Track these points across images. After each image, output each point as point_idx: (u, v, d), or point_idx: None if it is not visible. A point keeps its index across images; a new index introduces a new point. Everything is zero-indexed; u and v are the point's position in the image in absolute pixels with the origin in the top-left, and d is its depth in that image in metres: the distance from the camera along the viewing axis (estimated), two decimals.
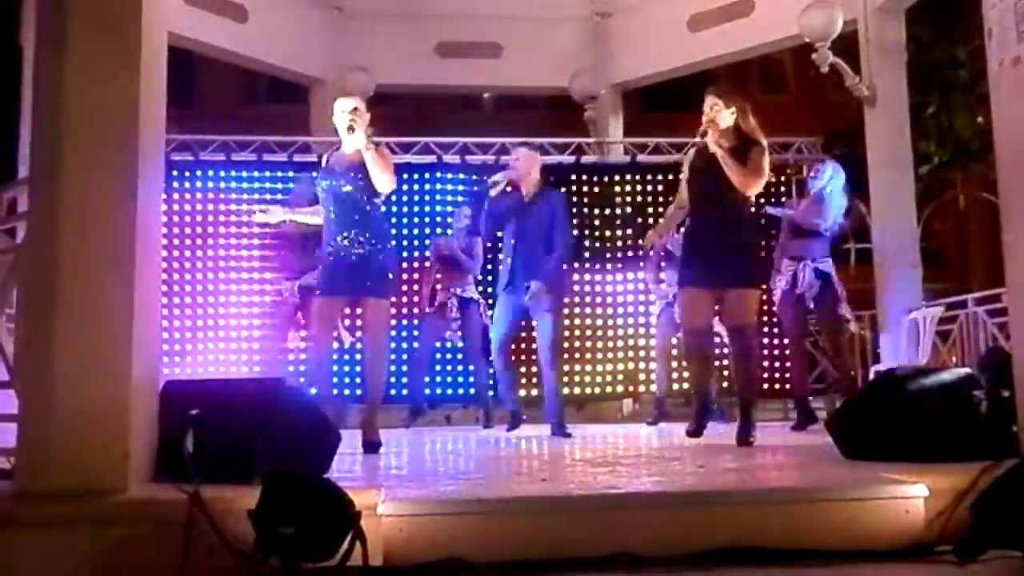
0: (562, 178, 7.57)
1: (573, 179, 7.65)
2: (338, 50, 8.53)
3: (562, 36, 8.92)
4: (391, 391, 6.81)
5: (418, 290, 7.05)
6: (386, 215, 5.16)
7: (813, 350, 6.86)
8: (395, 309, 6.91)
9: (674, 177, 6.46)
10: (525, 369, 7.19)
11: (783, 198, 7.42)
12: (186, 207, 7.21)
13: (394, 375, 7.02)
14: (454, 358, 7.21)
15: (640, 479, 3.09)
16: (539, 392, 5.91)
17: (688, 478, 3.10)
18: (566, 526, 2.46)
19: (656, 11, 8.64)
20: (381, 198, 4.30)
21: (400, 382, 7.07)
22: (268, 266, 7.03)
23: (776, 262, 5.91)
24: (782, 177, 7.56)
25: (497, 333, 5.35)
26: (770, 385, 7.11)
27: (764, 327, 6.81)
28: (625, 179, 7.69)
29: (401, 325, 7.08)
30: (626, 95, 9.40)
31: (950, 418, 2.97)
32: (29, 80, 5.91)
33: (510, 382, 5.58)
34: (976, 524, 2.33)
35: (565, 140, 7.91)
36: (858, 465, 3.11)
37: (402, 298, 7.04)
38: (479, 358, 6.60)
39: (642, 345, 7.40)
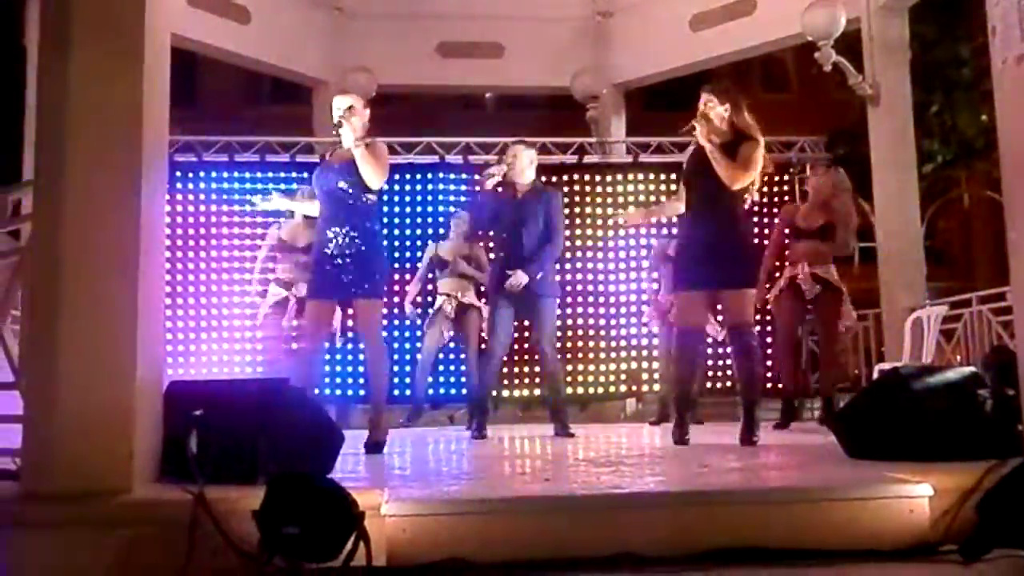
0: (564, 178, 7.59)
1: (575, 179, 7.66)
2: (340, 51, 8.54)
3: (564, 36, 8.92)
4: (394, 391, 6.82)
5: (409, 292, 6.97)
6: (380, 214, 5.14)
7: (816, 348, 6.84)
8: (397, 310, 6.98)
9: (676, 177, 6.44)
10: (526, 369, 7.21)
11: (785, 197, 7.43)
12: (189, 208, 7.23)
13: (397, 375, 7.03)
14: (456, 358, 7.20)
15: (643, 479, 3.09)
16: (539, 392, 5.90)
17: (691, 478, 3.09)
18: (569, 526, 2.46)
19: (658, 10, 8.64)
20: (373, 195, 4.30)
21: (403, 382, 7.06)
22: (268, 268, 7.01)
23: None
24: (785, 176, 7.55)
25: (496, 344, 5.26)
26: (773, 385, 7.10)
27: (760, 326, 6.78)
28: (627, 179, 7.69)
29: (404, 326, 7.08)
30: (628, 95, 9.39)
31: (955, 417, 2.97)
32: (33, 82, 5.94)
33: (488, 385, 5.50)
34: (981, 523, 2.33)
35: (567, 140, 7.91)
36: (862, 464, 3.10)
37: (399, 298, 7.04)
38: (473, 362, 6.55)
39: (645, 345, 7.39)
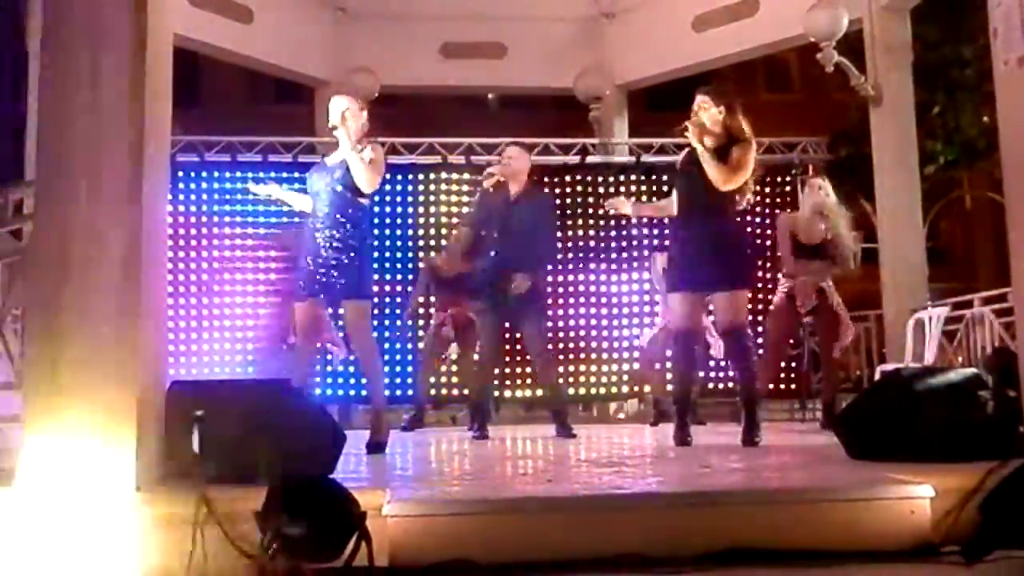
0: (567, 178, 7.58)
1: (578, 179, 7.64)
2: (342, 51, 8.54)
3: (567, 36, 8.91)
4: (396, 392, 6.82)
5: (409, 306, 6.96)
6: (372, 216, 5.15)
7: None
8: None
9: None
10: (528, 370, 7.20)
11: (787, 198, 7.41)
12: (192, 208, 7.23)
13: (399, 375, 7.03)
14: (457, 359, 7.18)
15: (645, 479, 3.09)
16: (539, 393, 5.88)
17: (693, 479, 3.10)
18: (571, 526, 2.46)
19: (661, 11, 8.62)
20: (366, 198, 4.30)
21: (405, 383, 7.06)
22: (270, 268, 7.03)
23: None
24: (787, 177, 7.54)
25: (486, 349, 5.30)
26: (775, 386, 7.09)
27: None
28: (630, 179, 7.67)
29: (406, 326, 7.08)
30: (631, 95, 9.37)
31: (956, 418, 2.96)
32: (35, 83, 5.94)
33: (487, 387, 5.52)
34: (983, 524, 2.33)
35: (570, 141, 7.90)
36: (864, 465, 3.10)
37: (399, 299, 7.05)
38: (473, 364, 6.53)
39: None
